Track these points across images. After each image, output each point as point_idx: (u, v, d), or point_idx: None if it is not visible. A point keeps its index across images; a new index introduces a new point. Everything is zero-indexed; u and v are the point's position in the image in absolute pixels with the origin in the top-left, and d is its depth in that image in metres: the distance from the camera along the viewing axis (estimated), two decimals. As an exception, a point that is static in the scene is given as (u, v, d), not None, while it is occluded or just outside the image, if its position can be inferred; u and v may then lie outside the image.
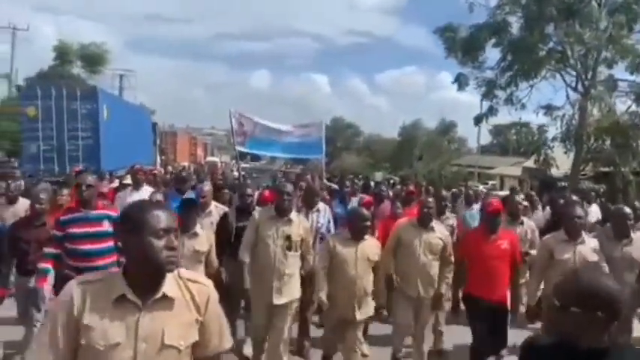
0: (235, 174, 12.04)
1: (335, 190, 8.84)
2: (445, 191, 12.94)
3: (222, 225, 5.17)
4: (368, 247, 4.38)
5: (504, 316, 4.44)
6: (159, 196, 5.02)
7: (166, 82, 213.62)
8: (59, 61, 28.02)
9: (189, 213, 4.20)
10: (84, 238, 3.97)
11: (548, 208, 7.69)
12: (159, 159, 21.75)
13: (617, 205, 5.58)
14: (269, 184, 10.87)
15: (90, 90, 13.50)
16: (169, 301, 1.67)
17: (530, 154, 18.92)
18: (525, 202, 7.02)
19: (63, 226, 4.01)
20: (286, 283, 4.32)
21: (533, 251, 5.21)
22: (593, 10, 15.13)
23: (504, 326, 4.42)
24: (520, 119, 18.05)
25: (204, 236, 4.32)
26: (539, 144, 17.80)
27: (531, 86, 17.42)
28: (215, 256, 4.43)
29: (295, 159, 19.05)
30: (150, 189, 6.41)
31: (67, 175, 9.43)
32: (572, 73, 16.88)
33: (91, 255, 3.97)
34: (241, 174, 10.85)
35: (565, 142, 17.04)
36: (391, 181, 23.43)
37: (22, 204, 5.89)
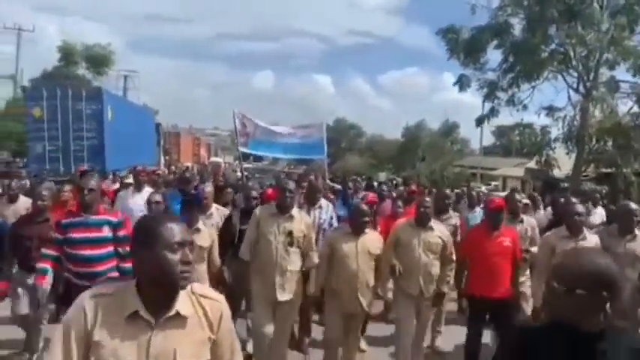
0: (239, 174, 12.08)
1: (338, 191, 8.83)
2: (448, 191, 12.96)
3: (226, 227, 5.17)
4: (369, 241, 4.36)
5: (509, 312, 4.43)
6: (157, 197, 4.99)
7: (169, 82, 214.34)
8: (64, 62, 28.15)
9: (190, 209, 4.28)
10: (83, 243, 3.95)
11: (549, 208, 7.65)
12: (163, 159, 21.87)
13: (624, 202, 5.55)
14: (272, 183, 10.93)
15: (95, 91, 13.65)
16: (182, 320, 1.62)
17: (533, 155, 18.91)
18: (526, 200, 6.99)
19: (63, 230, 4.00)
20: (289, 279, 4.31)
21: (533, 248, 5.22)
22: (594, 12, 15.15)
23: (511, 321, 4.39)
24: (522, 120, 18.07)
25: (206, 232, 4.35)
26: (542, 145, 17.79)
27: (533, 87, 17.45)
28: (217, 255, 4.46)
29: (298, 159, 19.09)
30: (151, 190, 6.40)
31: (73, 175, 9.50)
32: (573, 74, 16.88)
33: (91, 261, 3.96)
34: (244, 174, 10.92)
35: (567, 143, 17.05)
36: (394, 182, 23.50)
37: (22, 202, 5.91)
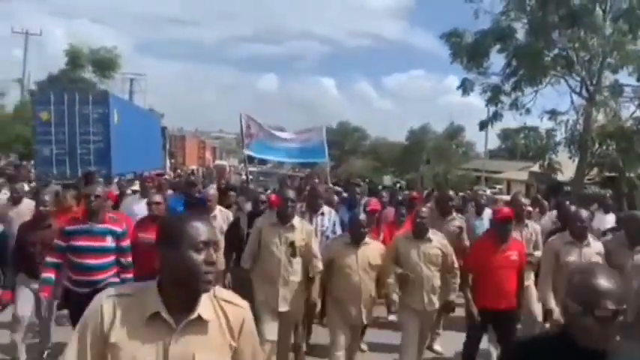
0: (243, 177, 12.20)
1: (344, 197, 8.58)
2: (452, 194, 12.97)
3: (233, 230, 5.18)
4: (369, 251, 4.33)
5: (512, 322, 4.44)
6: (157, 198, 5.01)
7: (175, 85, 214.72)
8: (71, 66, 28.38)
9: (192, 210, 4.36)
10: (87, 251, 3.94)
11: (554, 211, 7.46)
12: (168, 162, 22.04)
13: (631, 212, 5.49)
14: (275, 187, 11.03)
15: (101, 95, 13.80)
16: (203, 324, 1.56)
17: (538, 158, 18.91)
18: (529, 208, 6.89)
19: (67, 237, 3.98)
20: (291, 290, 4.31)
21: (537, 253, 5.15)
22: (597, 18, 15.19)
23: (513, 331, 4.42)
24: (525, 124, 18.09)
25: None
26: (547, 148, 17.79)
27: (536, 91, 17.44)
28: (222, 258, 4.47)
29: (300, 163, 19.24)
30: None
31: (77, 180, 9.61)
32: (576, 78, 16.88)
33: (92, 269, 3.96)
34: (249, 177, 11.02)
35: (569, 147, 17.07)
36: (397, 185, 23.60)
37: (26, 205, 5.91)
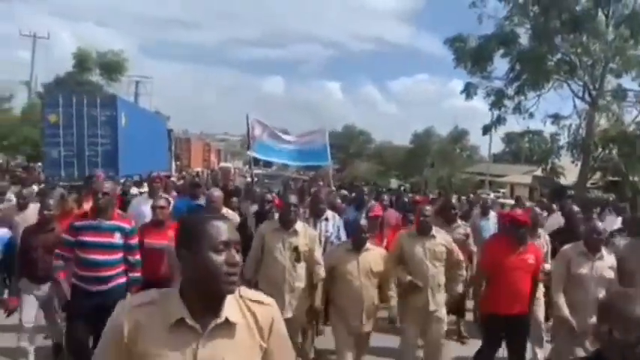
0: (248, 179, 12.29)
1: (351, 198, 8.57)
2: (456, 199, 13.04)
3: (240, 231, 5.20)
4: (371, 257, 4.28)
5: (524, 330, 4.39)
6: (162, 202, 4.98)
7: (180, 87, 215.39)
8: (78, 69, 28.66)
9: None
10: (94, 247, 3.94)
11: (558, 214, 7.57)
12: (174, 165, 22.21)
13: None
14: (280, 189, 11.11)
15: (109, 98, 14.01)
16: (231, 327, 1.51)
17: (541, 162, 18.99)
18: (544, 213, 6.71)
19: (76, 232, 3.97)
20: (297, 295, 4.27)
21: (547, 265, 4.96)
22: (599, 23, 15.30)
23: (524, 339, 4.40)
24: (528, 128, 18.21)
25: None
26: (551, 152, 17.87)
27: (539, 96, 17.63)
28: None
29: (304, 166, 19.32)
30: (165, 196, 6.25)
31: (85, 180, 9.72)
32: (579, 83, 17.02)
33: (100, 265, 3.94)
34: (254, 180, 11.11)
35: (572, 151, 17.16)
36: (402, 188, 23.70)
37: (32, 209, 5.79)
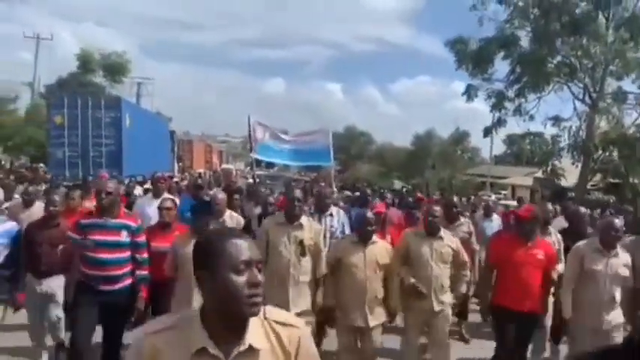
0: (250, 181, 12.37)
1: (355, 197, 8.42)
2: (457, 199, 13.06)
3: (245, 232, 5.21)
4: (377, 250, 4.26)
5: (530, 328, 4.33)
6: (169, 203, 4.92)
7: (181, 88, 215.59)
8: (82, 70, 28.81)
9: (202, 215, 4.16)
10: (100, 246, 3.91)
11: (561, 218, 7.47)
12: (176, 166, 22.37)
13: None
14: (282, 190, 11.17)
15: (114, 100, 14.27)
16: (255, 354, 1.41)
17: (541, 164, 19.07)
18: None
19: (81, 230, 3.96)
20: (301, 290, 4.22)
21: (559, 266, 4.72)
22: (599, 26, 15.42)
23: (528, 338, 4.35)
24: (528, 130, 18.33)
25: None
26: (552, 153, 17.96)
27: (539, 98, 17.71)
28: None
29: (306, 167, 19.41)
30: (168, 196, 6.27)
31: (93, 180, 9.81)
32: (579, 85, 17.13)
33: (106, 264, 3.91)
34: (256, 181, 11.18)
35: (573, 153, 17.26)
36: (404, 189, 23.81)
37: (38, 207, 5.78)
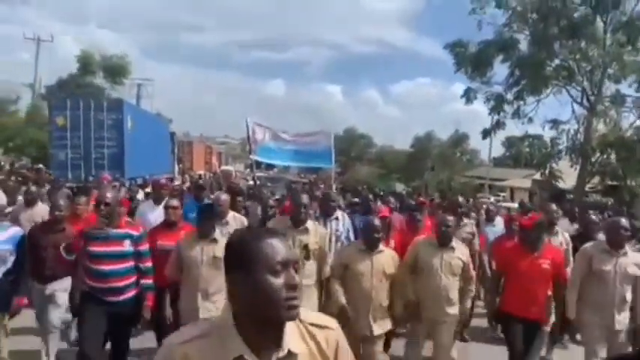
0: (250, 182, 12.42)
1: (357, 203, 8.51)
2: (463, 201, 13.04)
3: None
4: (384, 259, 4.23)
5: (534, 335, 4.27)
6: (175, 202, 4.90)
7: (181, 89, 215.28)
8: (82, 72, 28.91)
9: (207, 218, 4.11)
10: (103, 257, 3.84)
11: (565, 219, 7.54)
12: (177, 167, 22.45)
13: None
14: (283, 193, 11.23)
15: (116, 102, 14.32)
16: (294, 358, 1.36)
17: (539, 167, 19.19)
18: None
19: (85, 240, 3.90)
20: (306, 294, 4.14)
21: (567, 269, 4.69)
22: (597, 29, 15.58)
23: (532, 345, 4.28)
24: (527, 132, 18.46)
25: (224, 242, 4.03)
26: (551, 156, 18.07)
27: (538, 101, 17.86)
28: None
29: (307, 168, 19.48)
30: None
31: (94, 181, 9.86)
32: (577, 88, 17.27)
33: (110, 276, 3.84)
34: (257, 183, 11.23)
35: (571, 156, 17.38)
36: (403, 191, 23.92)
37: (39, 209, 5.79)
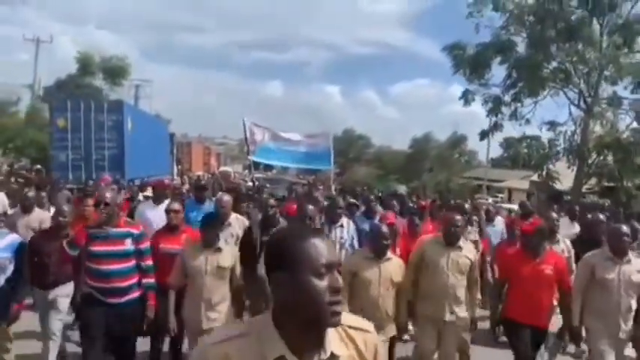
0: (249, 184, 12.46)
1: (355, 204, 8.56)
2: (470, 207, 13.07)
3: (246, 239, 5.08)
4: (392, 268, 4.19)
5: (540, 342, 4.24)
6: (176, 205, 4.84)
7: (179, 90, 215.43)
8: (81, 72, 28.95)
9: (211, 228, 4.08)
10: (104, 257, 3.81)
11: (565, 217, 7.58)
12: (175, 168, 22.53)
13: None
14: (284, 194, 11.27)
15: (116, 103, 14.40)
16: None
17: (536, 168, 19.29)
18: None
19: (89, 239, 3.87)
20: None
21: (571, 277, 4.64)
22: (593, 32, 15.71)
23: (536, 353, 4.25)
24: (524, 134, 18.57)
25: (228, 251, 4.17)
26: (549, 157, 18.18)
27: (535, 103, 17.96)
28: (239, 272, 4.26)
29: (305, 169, 19.57)
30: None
31: (95, 183, 9.90)
32: (574, 90, 17.40)
33: (111, 275, 3.81)
34: (256, 184, 11.28)
35: (568, 157, 17.50)
36: (404, 193, 24.00)
37: (36, 214, 5.73)
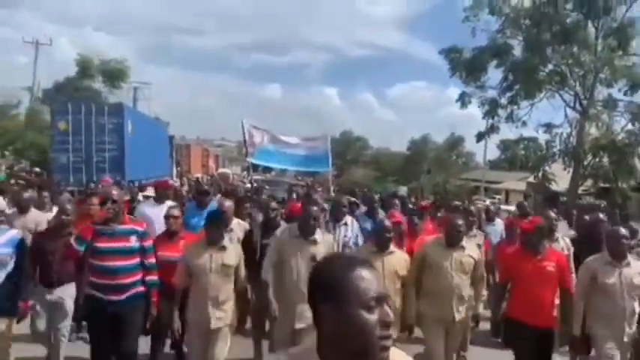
0: (248, 185, 12.53)
1: (356, 203, 8.30)
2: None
3: (247, 242, 5.07)
4: (395, 260, 4.21)
5: (549, 344, 4.14)
6: (176, 212, 4.78)
7: (178, 92, 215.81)
8: (80, 75, 29.03)
9: (216, 226, 4.07)
10: (109, 253, 3.82)
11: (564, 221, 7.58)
12: (175, 171, 22.63)
13: None
14: (284, 196, 11.33)
15: (116, 106, 14.51)
16: None
17: (533, 170, 19.49)
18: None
19: (96, 235, 3.85)
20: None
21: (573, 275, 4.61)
22: (588, 35, 15.92)
23: (549, 354, 4.15)
24: (521, 136, 18.76)
25: (232, 250, 4.14)
26: (546, 158, 18.36)
27: (531, 105, 18.21)
28: (243, 272, 4.27)
29: (304, 172, 19.74)
30: (172, 203, 5.91)
31: (96, 185, 10.00)
32: (570, 92, 17.60)
33: (116, 272, 3.82)
34: (254, 185, 11.36)
35: (564, 159, 17.69)
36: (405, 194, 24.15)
37: (32, 215, 5.70)
